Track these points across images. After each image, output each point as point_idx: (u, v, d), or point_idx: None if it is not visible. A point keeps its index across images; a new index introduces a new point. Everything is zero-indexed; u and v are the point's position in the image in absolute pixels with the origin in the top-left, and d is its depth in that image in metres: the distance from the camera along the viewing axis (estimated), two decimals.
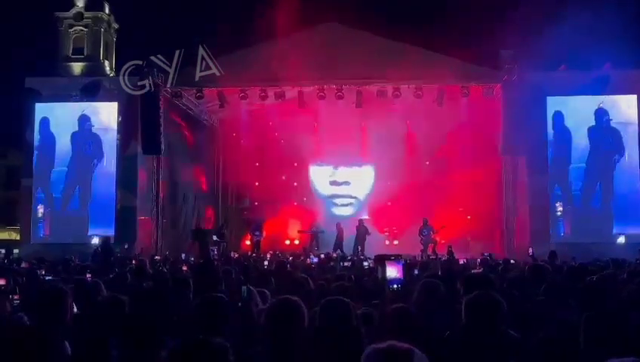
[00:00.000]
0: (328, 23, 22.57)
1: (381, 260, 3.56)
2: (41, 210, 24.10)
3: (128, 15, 27.19)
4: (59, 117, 24.29)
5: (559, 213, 22.49)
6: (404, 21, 21.45)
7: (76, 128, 24.09)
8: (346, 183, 27.70)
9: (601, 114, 22.42)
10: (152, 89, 21.22)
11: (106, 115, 24.15)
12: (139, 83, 21.18)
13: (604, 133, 22.49)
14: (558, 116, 22.70)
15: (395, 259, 3.53)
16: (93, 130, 24.08)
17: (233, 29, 21.80)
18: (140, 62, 21.36)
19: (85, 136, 24.04)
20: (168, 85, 21.38)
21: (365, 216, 25.87)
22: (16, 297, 6.61)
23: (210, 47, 20.64)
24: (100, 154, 23.99)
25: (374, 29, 22.03)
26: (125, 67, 21.28)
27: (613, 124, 22.51)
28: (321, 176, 27.79)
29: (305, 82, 21.94)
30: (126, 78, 21.27)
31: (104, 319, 4.58)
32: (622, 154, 22.37)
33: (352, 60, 21.10)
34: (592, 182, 22.42)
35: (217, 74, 20.46)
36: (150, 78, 20.96)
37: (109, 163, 24.00)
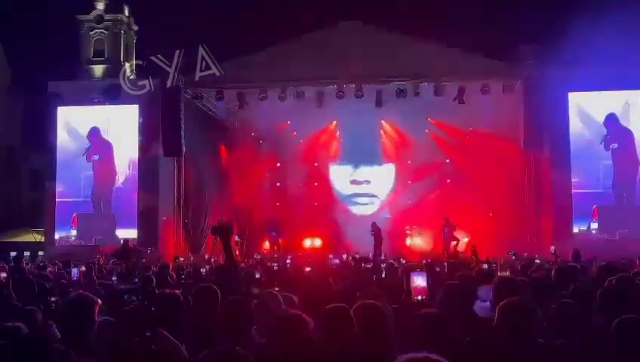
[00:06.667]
0: (347, 21, 22.47)
1: (406, 271, 3.53)
2: (65, 212, 24.26)
3: (149, 16, 27.31)
4: (81, 120, 24.49)
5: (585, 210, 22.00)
6: (423, 18, 21.27)
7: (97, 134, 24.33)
8: (367, 182, 27.58)
9: (611, 119, 21.94)
10: (166, 85, 21.43)
11: (127, 117, 24.28)
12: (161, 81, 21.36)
13: (621, 134, 21.99)
14: (583, 111, 22.27)
15: (420, 270, 3.48)
16: (111, 134, 24.25)
17: (251, 31, 21.84)
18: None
19: (97, 146, 24.24)
20: (181, 83, 21.41)
21: (387, 215, 25.78)
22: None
23: (229, 47, 20.73)
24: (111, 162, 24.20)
25: (393, 26, 21.90)
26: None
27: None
28: (341, 176, 27.72)
29: (324, 81, 21.88)
30: (150, 78, 21.48)
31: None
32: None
33: (371, 59, 21.00)
34: (621, 180, 21.86)
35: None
36: (175, 74, 21.17)
37: (132, 165, 24.11)
